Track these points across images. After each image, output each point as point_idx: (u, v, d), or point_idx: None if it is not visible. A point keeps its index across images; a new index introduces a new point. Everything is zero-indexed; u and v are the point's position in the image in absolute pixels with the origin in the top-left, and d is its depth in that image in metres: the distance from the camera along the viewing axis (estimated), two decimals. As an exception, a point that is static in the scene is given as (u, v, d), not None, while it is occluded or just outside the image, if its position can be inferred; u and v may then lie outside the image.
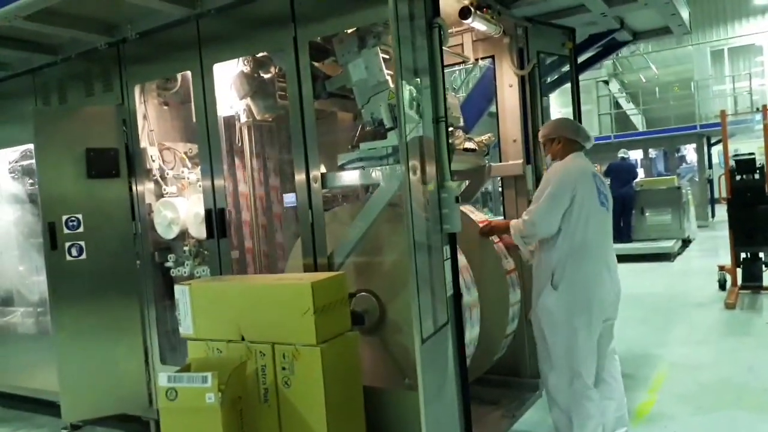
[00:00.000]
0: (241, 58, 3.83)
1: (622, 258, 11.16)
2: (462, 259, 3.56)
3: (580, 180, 3.20)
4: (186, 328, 3.18)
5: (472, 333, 3.54)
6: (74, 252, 3.98)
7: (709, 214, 17.56)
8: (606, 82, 19.24)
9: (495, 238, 3.88)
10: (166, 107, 4.33)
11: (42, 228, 3.94)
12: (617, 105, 19.40)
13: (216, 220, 3.69)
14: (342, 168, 3.33)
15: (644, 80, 18.68)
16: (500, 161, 4.30)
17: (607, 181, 12.40)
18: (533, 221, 3.22)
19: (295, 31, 3.26)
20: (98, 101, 4.20)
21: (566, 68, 4.84)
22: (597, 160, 13.56)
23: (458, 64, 4.48)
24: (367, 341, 3.50)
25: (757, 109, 18.11)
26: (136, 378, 4.11)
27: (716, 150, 19.48)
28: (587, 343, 3.14)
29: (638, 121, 20.09)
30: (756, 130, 18.47)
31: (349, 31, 3.29)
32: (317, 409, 2.77)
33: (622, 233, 12.11)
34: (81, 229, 3.99)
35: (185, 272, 4.02)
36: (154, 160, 4.08)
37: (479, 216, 3.95)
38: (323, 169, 3.33)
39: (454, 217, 2.86)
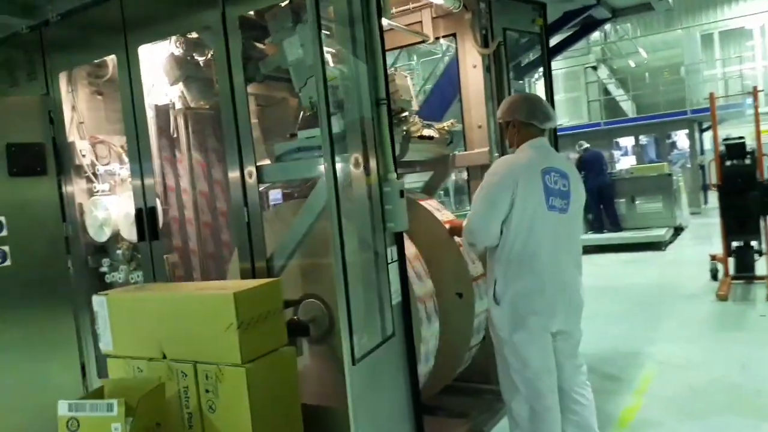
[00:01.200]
0: (173, 41, 3.46)
1: (611, 248, 11.18)
2: (411, 249, 3.20)
3: (522, 179, 2.68)
4: (105, 344, 2.82)
5: (430, 329, 3.19)
6: (-4, 258, 3.60)
7: (702, 200, 17.27)
8: (594, 68, 18.90)
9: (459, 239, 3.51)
10: (99, 97, 3.93)
11: (-41, 233, 3.55)
12: (606, 91, 19.04)
13: (147, 220, 3.32)
14: (279, 159, 2.96)
15: (633, 65, 18.32)
16: (465, 150, 3.93)
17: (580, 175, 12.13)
18: (470, 229, 2.78)
19: (223, 6, 2.88)
20: (23, 92, 3.81)
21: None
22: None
23: (417, 43, 4.09)
24: (316, 352, 3.15)
25: (748, 92, 17.87)
26: (72, 394, 3.73)
27: (708, 136, 19.17)
28: (539, 361, 2.71)
29: (628, 107, 19.74)
30: (747, 115, 18.19)
31: (284, 4, 2.91)
32: (244, 438, 2.41)
33: (602, 223, 11.87)
34: (4, 233, 3.60)
35: (120, 278, 3.65)
36: (84, 155, 3.69)
37: (446, 215, 3.58)
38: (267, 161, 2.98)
39: (399, 213, 2.50)
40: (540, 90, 19.30)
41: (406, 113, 3.27)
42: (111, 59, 3.67)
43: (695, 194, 16.63)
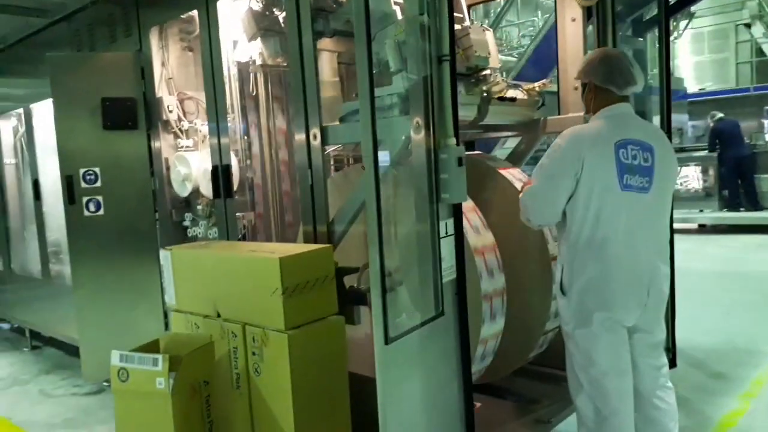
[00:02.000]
0: (252, -5, 3.39)
1: (747, 228, 10.04)
2: (488, 238, 2.95)
3: (590, 154, 2.30)
4: (169, 297, 2.89)
5: (492, 284, 2.93)
6: (92, 207, 3.82)
7: None
8: (748, 26, 16.76)
9: None
10: (190, 53, 3.99)
11: (60, 181, 3.80)
12: (760, 52, 16.87)
13: (222, 177, 3.34)
14: (344, 120, 2.81)
15: (796, 22, 16.07)
16: (559, 114, 3.56)
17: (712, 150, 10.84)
18: (525, 204, 2.47)
19: (295, -43, 2.75)
20: (119, 47, 3.95)
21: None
22: (734, 116, 11.87)
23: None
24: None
25: None
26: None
27: None
28: (604, 358, 2.37)
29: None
30: None
31: (353, -48, 2.71)
32: (284, 403, 2.37)
33: (740, 200, 10.73)
34: (98, 184, 3.82)
35: (200, 233, 3.75)
36: (171, 111, 3.78)
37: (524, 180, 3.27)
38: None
39: (456, 183, 2.28)
40: (679, 50, 17.53)
41: (486, 71, 2.98)
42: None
43: None
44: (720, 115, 11.33)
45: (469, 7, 3.59)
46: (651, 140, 2.41)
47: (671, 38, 14.49)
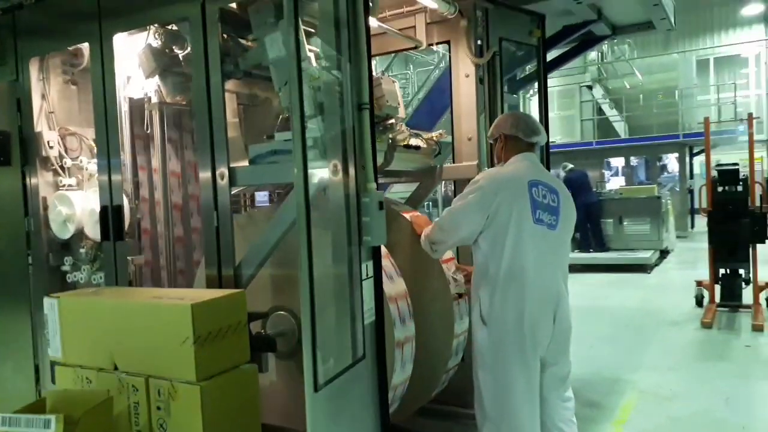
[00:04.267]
0: (151, 31, 3.28)
1: (596, 268, 11.07)
2: (401, 285, 3.02)
3: (507, 193, 2.55)
4: (54, 350, 2.63)
5: (404, 331, 3.00)
6: (-48, 251, 3.39)
7: (689, 224, 17.26)
8: (590, 87, 18.82)
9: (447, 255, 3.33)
10: (73, 87, 3.74)
11: None
12: (600, 111, 18.97)
13: (112, 218, 3.12)
14: (253, 162, 2.78)
15: (628, 87, 18.28)
16: (453, 162, 3.77)
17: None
18: (441, 226, 2.71)
19: (204, -3, 2.72)
20: (-8, 77, 3.61)
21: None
22: (579, 167, 13.14)
23: (410, 49, 3.93)
24: (284, 368, 2.96)
25: (741, 119, 17.91)
26: (24, 400, 3.51)
27: (698, 160, 19.21)
28: (522, 390, 2.53)
29: (621, 128, 19.71)
30: (739, 142, 18.24)
31: (267, -2, 2.74)
32: (196, 462, 2.22)
33: (589, 243, 11.80)
34: (-39, 225, 3.41)
35: (82, 278, 3.45)
36: (51, 147, 3.50)
37: (415, 213, 3.40)
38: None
39: (377, 227, 2.33)
40: (534, 107, 19.23)
41: (392, 120, 3.11)
42: (87, 48, 3.50)
43: (683, 218, 16.62)
44: (571, 165, 12.50)
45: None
46: (554, 184, 2.68)
47: (527, 96, 15.90)
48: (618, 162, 19.36)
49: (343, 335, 2.29)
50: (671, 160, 21.52)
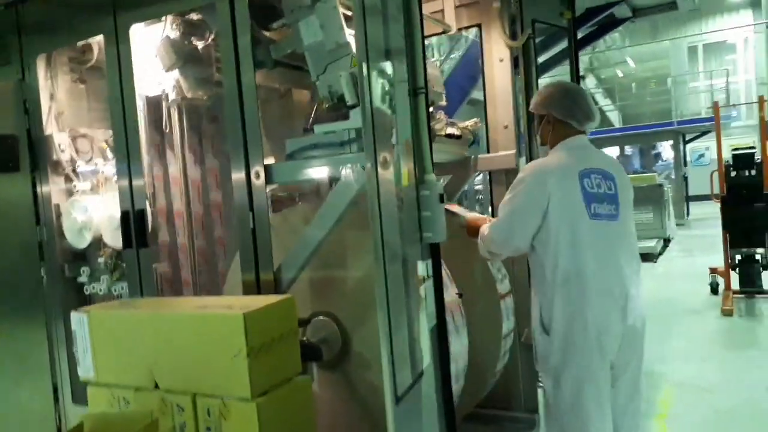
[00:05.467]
0: (169, 22, 3.07)
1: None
2: (453, 293, 2.83)
3: (556, 187, 2.33)
4: (86, 369, 2.40)
5: (459, 343, 2.81)
6: (-40, 265, 3.17)
7: (685, 212, 17.27)
8: (582, 77, 18.80)
9: None
10: (82, 86, 3.52)
11: None
12: (593, 101, 19.01)
13: (134, 225, 2.91)
14: (291, 158, 2.58)
15: (621, 75, 18.27)
16: (488, 152, 3.59)
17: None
18: (493, 239, 2.47)
19: (232, -19, 2.52)
20: (-5, 77, 3.38)
21: (558, 46, 4.19)
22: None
23: (438, 34, 3.73)
24: (327, 379, 2.77)
25: (734, 104, 17.92)
26: (43, 422, 3.31)
27: (690, 148, 19.23)
28: (594, 398, 2.31)
29: (614, 117, 19.71)
30: (732, 128, 18.27)
31: (301, -20, 2.54)
32: (253, 486, 2.03)
33: None
34: (-32, 236, 3.18)
35: (101, 289, 3.24)
36: (63, 150, 3.28)
37: (471, 214, 3.20)
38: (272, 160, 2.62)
39: (437, 222, 2.15)
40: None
41: (431, 108, 2.92)
42: (97, 42, 3.28)
43: (680, 206, 16.61)
44: None
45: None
46: (610, 169, 2.47)
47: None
48: (613, 152, 19.28)
49: (407, 342, 2.10)
50: (665, 148, 21.54)
